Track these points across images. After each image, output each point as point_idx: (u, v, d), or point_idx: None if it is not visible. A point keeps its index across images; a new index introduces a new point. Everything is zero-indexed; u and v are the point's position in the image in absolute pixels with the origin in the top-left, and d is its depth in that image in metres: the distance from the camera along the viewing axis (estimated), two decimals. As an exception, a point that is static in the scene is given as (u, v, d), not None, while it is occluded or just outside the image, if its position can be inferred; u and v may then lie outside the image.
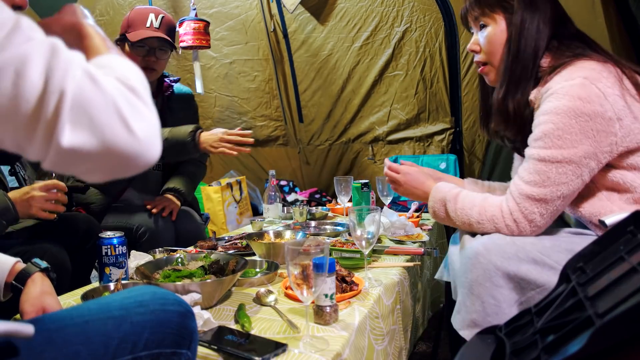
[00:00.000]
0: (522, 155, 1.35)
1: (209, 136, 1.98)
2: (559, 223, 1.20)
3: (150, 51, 2.03)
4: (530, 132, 1.20)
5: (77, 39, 0.74)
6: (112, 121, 0.57)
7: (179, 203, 2.14)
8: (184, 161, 2.28)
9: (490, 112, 1.38)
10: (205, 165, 2.44)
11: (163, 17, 2.07)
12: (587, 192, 1.17)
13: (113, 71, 0.62)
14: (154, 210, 2.02)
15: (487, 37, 1.30)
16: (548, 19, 1.24)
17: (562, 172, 1.11)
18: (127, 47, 2.04)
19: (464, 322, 1.14)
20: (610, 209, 1.14)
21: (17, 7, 0.72)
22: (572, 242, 1.12)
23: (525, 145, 1.21)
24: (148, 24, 2.03)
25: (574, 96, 1.09)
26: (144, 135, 0.59)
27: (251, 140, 1.99)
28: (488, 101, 1.41)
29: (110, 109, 0.57)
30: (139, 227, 1.96)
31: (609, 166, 1.14)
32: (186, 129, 1.97)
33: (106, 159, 0.57)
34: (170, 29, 2.10)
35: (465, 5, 1.34)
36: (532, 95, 1.22)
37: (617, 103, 1.09)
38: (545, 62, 1.23)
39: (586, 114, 1.08)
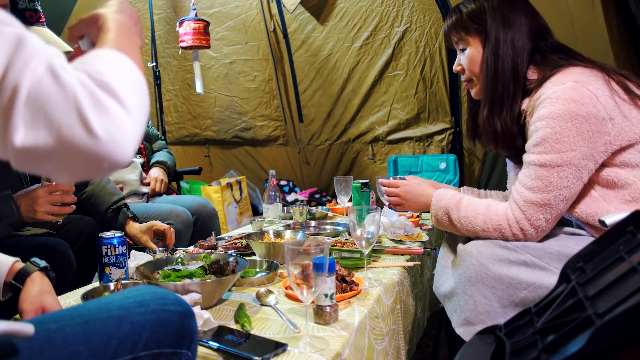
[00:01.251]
0: (516, 163, 1.36)
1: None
2: (557, 223, 1.21)
3: None
4: (522, 145, 1.22)
5: (97, 32, 0.73)
6: (70, 119, 0.53)
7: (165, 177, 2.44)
8: (157, 150, 2.60)
9: (478, 128, 1.40)
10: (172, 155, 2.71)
11: None
12: (582, 193, 1.18)
13: (88, 65, 0.58)
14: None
15: (467, 58, 1.34)
16: (525, 35, 1.25)
17: (564, 175, 1.12)
18: None
19: (459, 320, 1.18)
20: (607, 209, 1.15)
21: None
22: (565, 246, 1.14)
23: (519, 157, 1.23)
24: None
25: (567, 99, 1.11)
26: (106, 134, 0.54)
27: None
28: (476, 118, 1.41)
29: (69, 105, 0.53)
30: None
31: (603, 165, 1.16)
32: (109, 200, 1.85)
33: (66, 159, 0.54)
34: None
35: (444, 29, 1.39)
36: (524, 105, 1.24)
37: (608, 103, 1.12)
38: (532, 74, 1.25)
39: (581, 115, 1.10)
